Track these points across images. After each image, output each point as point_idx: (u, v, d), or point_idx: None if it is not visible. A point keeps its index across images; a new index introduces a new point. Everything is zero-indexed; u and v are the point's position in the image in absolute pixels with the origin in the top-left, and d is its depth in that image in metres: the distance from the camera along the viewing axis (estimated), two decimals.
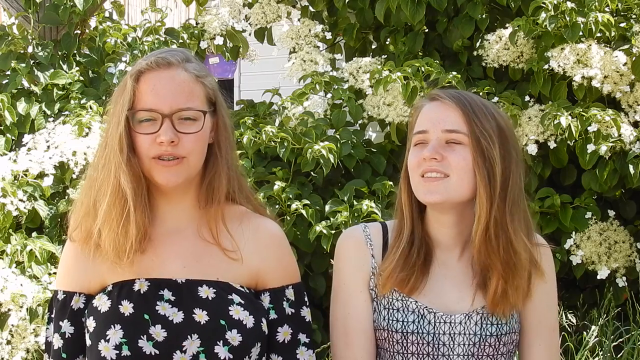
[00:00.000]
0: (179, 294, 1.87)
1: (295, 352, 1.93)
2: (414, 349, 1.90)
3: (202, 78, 1.90)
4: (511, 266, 1.87)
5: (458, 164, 1.86)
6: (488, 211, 1.85)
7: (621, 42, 4.45)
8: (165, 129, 1.84)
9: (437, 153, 1.87)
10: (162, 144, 1.84)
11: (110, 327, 1.84)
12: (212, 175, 1.92)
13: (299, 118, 4.52)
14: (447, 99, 1.90)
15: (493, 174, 1.85)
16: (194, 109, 1.87)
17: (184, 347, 1.84)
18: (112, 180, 1.85)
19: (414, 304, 1.91)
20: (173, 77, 1.86)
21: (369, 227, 1.99)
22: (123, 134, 1.84)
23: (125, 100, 1.85)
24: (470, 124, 1.86)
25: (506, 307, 1.90)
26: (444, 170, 1.87)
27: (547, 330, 1.98)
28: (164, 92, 1.85)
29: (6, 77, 4.98)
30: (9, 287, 3.78)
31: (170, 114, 1.84)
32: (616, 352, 4.10)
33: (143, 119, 1.85)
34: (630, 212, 4.51)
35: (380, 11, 4.77)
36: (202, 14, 5.46)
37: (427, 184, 1.88)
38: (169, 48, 2.01)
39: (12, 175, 4.24)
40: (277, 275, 1.94)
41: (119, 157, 1.84)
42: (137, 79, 1.86)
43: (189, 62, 1.90)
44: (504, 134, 1.89)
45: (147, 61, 1.87)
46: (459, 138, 1.86)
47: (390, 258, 1.92)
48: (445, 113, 1.89)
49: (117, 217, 1.85)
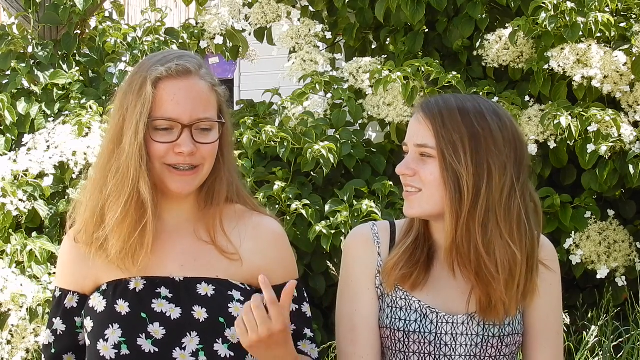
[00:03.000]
0: (176, 291, 1.87)
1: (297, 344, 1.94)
2: (415, 348, 1.90)
3: (216, 87, 1.91)
4: (483, 279, 1.85)
5: (427, 178, 1.86)
6: (454, 226, 1.84)
7: (621, 42, 4.45)
8: (185, 139, 1.83)
9: (408, 169, 1.88)
10: (181, 154, 1.84)
11: (108, 326, 1.84)
12: (214, 179, 1.92)
13: (299, 118, 4.52)
14: (422, 111, 1.89)
15: (460, 187, 1.83)
16: (211, 120, 1.87)
17: (184, 344, 1.84)
18: (129, 188, 1.83)
19: (417, 303, 1.91)
20: (192, 86, 1.86)
21: (377, 226, 2.00)
22: (143, 142, 1.82)
23: (145, 108, 1.82)
24: (437, 138, 1.85)
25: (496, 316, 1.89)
26: (416, 185, 1.88)
27: (552, 333, 1.98)
28: (185, 102, 1.84)
29: (6, 77, 4.99)
30: (9, 287, 3.79)
31: (190, 125, 1.84)
32: (616, 352, 4.10)
33: (161, 127, 1.84)
34: (630, 211, 4.51)
35: (380, 11, 4.77)
36: (202, 14, 5.46)
37: (406, 198, 1.91)
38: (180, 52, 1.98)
39: (12, 175, 4.24)
40: (278, 272, 1.94)
41: (139, 166, 1.82)
42: (155, 86, 1.84)
43: (202, 69, 1.90)
44: (479, 144, 1.84)
45: (165, 67, 1.85)
46: (428, 152, 1.87)
47: (395, 252, 1.93)
48: (417, 127, 1.89)
49: (132, 225, 1.83)
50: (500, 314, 1.88)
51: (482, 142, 1.85)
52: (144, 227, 1.84)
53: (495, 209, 1.84)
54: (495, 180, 1.84)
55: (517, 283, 1.87)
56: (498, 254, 1.84)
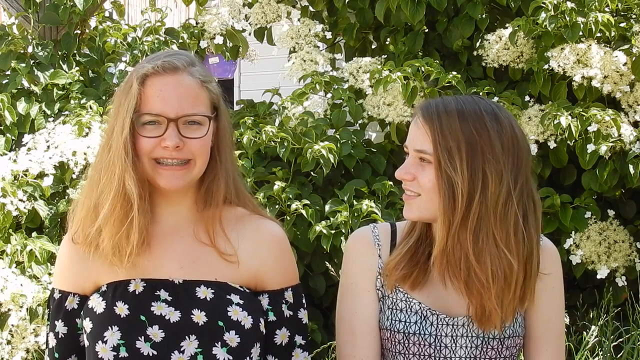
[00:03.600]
0: (175, 294, 1.87)
1: (291, 354, 1.94)
2: (415, 350, 1.90)
3: (207, 83, 1.90)
4: (472, 289, 1.85)
5: (425, 185, 1.86)
6: (446, 233, 1.84)
7: (621, 42, 4.45)
8: (171, 133, 1.84)
9: (408, 173, 1.89)
10: (166, 148, 1.84)
11: (107, 328, 1.84)
12: (211, 179, 1.92)
13: (299, 118, 4.52)
14: (421, 115, 1.89)
15: (454, 194, 1.82)
16: (199, 114, 1.87)
17: (182, 347, 1.84)
18: (116, 183, 1.84)
19: (418, 305, 1.91)
20: (179, 82, 1.86)
21: (377, 228, 2.00)
22: (128, 137, 1.83)
23: (131, 104, 1.84)
24: (435, 144, 1.85)
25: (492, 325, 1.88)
26: (414, 190, 1.88)
27: (554, 335, 1.98)
28: (170, 98, 1.85)
29: (6, 77, 4.99)
30: (9, 287, 3.79)
31: (176, 119, 1.84)
32: (616, 352, 4.10)
33: (147, 121, 1.85)
34: (630, 211, 4.51)
35: (380, 11, 4.77)
36: (202, 14, 5.46)
37: (405, 201, 1.91)
38: (173, 51, 1.99)
39: (12, 175, 4.24)
40: (276, 277, 1.94)
41: (124, 161, 1.83)
42: (142, 82, 1.85)
43: (194, 66, 1.90)
44: (475, 151, 1.83)
45: (152, 64, 1.86)
46: (427, 158, 1.86)
47: (397, 252, 1.93)
48: (417, 131, 1.89)
49: (119, 220, 1.84)
50: (497, 323, 1.87)
51: (478, 149, 1.83)
52: (130, 222, 1.84)
53: (490, 217, 1.83)
54: (491, 189, 1.83)
55: (513, 291, 1.85)
56: (490, 263, 1.83)
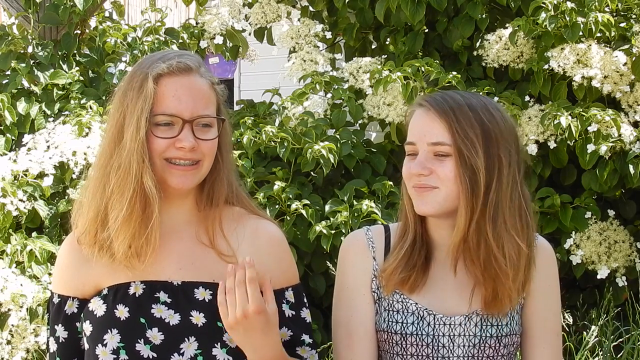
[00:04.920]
0: (174, 296, 1.87)
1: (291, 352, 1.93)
2: (413, 351, 1.90)
3: (214, 85, 1.92)
4: (490, 273, 1.86)
5: (445, 176, 1.86)
6: (468, 222, 1.85)
7: (621, 42, 4.46)
8: (187, 134, 1.84)
9: (425, 168, 1.87)
10: (182, 149, 1.84)
11: (107, 331, 1.84)
12: (214, 179, 1.92)
13: (299, 118, 4.52)
14: (433, 108, 1.88)
15: (476, 183, 1.84)
16: (211, 116, 1.88)
17: (182, 349, 1.83)
18: (133, 184, 1.82)
19: (414, 305, 1.91)
20: (193, 83, 1.87)
21: (371, 230, 2.00)
22: (145, 138, 1.82)
23: (147, 103, 1.83)
24: (453, 134, 1.85)
25: (501, 310, 1.89)
26: (432, 184, 1.87)
27: (552, 334, 1.98)
28: (186, 98, 1.85)
29: (6, 77, 4.99)
30: (9, 287, 3.79)
31: (191, 120, 1.84)
32: (616, 352, 4.10)
33: (162, 123, 1.85)
34: (630, 212, 4.51)
35: (380, 11, 4.77)
36: (202, 14, 5.46)
37: (419, 195, 1.89)
38: (180, 51, 1.99)
39: (12, 175, 4.24)
40: (276, 277, 1.93)
41: (143, 161, 1.82)
42: (156, 82, 1.85)
43: (202, 67, 1.91)
44: (490, 139, 1.86)
45: (167, 64, 1.85)
46: (444, 150, 1.86)
47: (393, 257, 1.93)
48: (430, 125, 1.88)
49: (137, 222, 1.83)
50: (506, 307, 1.89)
51: (492, 136, 1.87)
52: (151, 224, 1.83)
53: (503, 202, 1.86)
54: (504, 173, 1.87)
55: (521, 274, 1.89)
56: (506, 247, 1.86)
